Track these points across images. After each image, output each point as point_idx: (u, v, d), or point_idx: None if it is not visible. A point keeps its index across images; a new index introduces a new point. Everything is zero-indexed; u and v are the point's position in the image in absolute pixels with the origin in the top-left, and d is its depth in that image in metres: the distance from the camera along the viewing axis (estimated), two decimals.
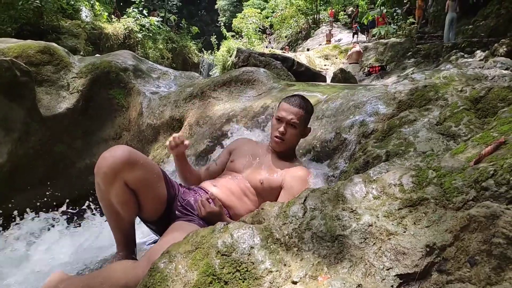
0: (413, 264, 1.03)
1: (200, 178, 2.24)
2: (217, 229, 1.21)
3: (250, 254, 1.10)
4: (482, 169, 1.17)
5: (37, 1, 9.94)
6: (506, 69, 2.70)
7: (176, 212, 1.81)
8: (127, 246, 1.82)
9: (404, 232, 1.12)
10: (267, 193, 1.98)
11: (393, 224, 1.15)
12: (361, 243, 1.13)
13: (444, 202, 1.16)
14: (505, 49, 8.70)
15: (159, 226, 1.84)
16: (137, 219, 1.95)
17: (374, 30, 17.09)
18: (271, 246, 1.14)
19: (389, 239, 1.11)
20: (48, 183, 3.97)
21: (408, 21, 14.99)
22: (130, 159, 1.61)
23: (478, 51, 9.53)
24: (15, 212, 2.85)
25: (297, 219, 1.25)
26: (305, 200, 1.32)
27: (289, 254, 1.13)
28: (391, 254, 1.07)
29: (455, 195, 1.15)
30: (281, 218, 1.28)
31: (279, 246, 1.15)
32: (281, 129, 2.03)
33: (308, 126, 2.20)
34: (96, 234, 2.55)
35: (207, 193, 1.94)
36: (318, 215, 1.24)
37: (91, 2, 13.78)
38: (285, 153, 2.14)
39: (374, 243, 1.12)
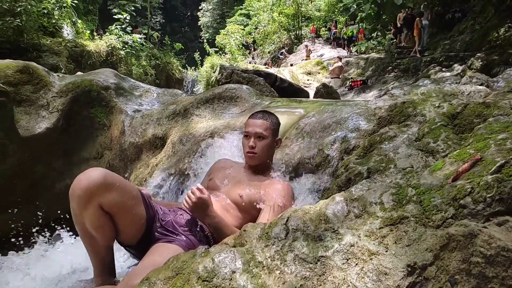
0: (395, 285, 1.03)
1: None
2: (198, 253, 1.19)
3: (231, 279, 1.08)
4: (459, 186, 1.19)
5: (17, 20, 9.83)
6: (481, 84, 2.78)
7: (156, 234, 1.77)
8: (104, 272, 1.77)
9: (386, 251, 1.12)
10: (249, 208, 1.97)
11: (374, 244, 1.16)
12: (344, 264, 1.13)
13: (424, 220, 1.17)
14: (480, 62, 8.99)
15: (139, 250, 1.80)
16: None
17: (354, 48, 17.51)
18: (253, 270, 1.13)
19: (371, 259, 1.11)
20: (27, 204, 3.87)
21: (387, 36, 15.34)
22: (106, 181, 1.57)
23: (455, 65, 9.82)
24: None
25: (279, 240, 1.24)
26: (287, 220, 1.31)
27: (271, 277, 1.12)
28: (373, 275, 1.07)
29: (434, 213, 1.17)
30: (263, 240, 1.26)
31: (261, 270, 1.14)
32: (251, 143, 2.07)
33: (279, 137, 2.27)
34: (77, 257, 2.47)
35: (187, 212, 1.91)
36: (300, 236, 1.23)
37: (73, 20, 13.72)
38: (262, 167, 2.16)
39: (356, 264, 1.12)
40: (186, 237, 1.79)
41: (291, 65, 19.61)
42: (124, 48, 13.80)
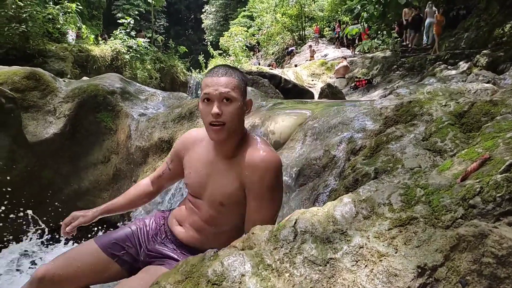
0: (405, 286, 1.03)
1: (148, 193, 1.88)
2: (207, 257, 1.19)
3: (241, 282, 1.09)
4: (468, 186, 1.18)
5: (23, 26, 9.93)
6: (488, 82, 2.76)
7: (146, 261, 1.68)
8: None
9: (395, 253, 1.12)
10: (233, 208, 1.57)
11: (383, 245, 1.15)
12: (353, 265, 1.12)
13: (433, 220, 1.16)
14: (486, 60, 8.92)
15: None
16: None
17: (358, 47, 17.50)
18: (263, 273, 1.13)
19: (381, 260, 1.11)
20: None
21: (392, 35, 15.28)
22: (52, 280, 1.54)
23: (461, 63, 9.76)
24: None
25: (288, 243, 1.24)
26: (295, 223, 1.31)
27: (281, 280, 1.12)
28: (383, 276, 1.06)
29: (444, 213, 1.16)
30: (271, 243, 1.26)
31: (271, 272, 1.14)
32: (215, 109, 1.45)
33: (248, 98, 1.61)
34: None
35: (174, 235, 1.70)
36: (308, 238, 1.23)
37: (78, 25, 13.83)
38: (235, 141, 1.57)
39: (366, 266, 1.11)
40: (175, 259, 1.64)
41: (295, 65, 19.60)
42: (128, 52, 13.88)
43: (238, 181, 1.53)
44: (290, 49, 24.77)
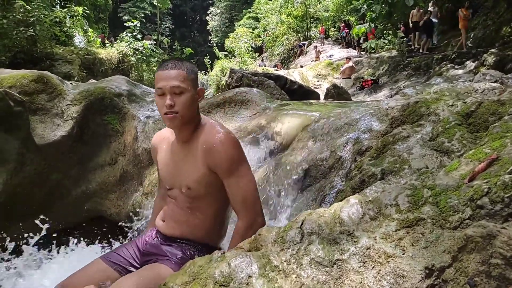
0: (413, 287, 1.02)
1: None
2: (214, 258, 1.19)
3: (248, 284, 1.09)
4: (476, 186, 1.17)
5: (31, 30, 10.05)
6: (495, 81, 2.74)
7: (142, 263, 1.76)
8: None
9: (403, 254, 1.11)
10: (202, 192, 1.67)
11: (391, 246, 1.15)
12: (360, 267, 1.12)
13: (441, 221, 1.16)
14: (493, 59, 8.83)
15: None
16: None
17: (364, 45, 17.44)
18: (269, 274, 1.13)
19: (388, 262, 1.10)
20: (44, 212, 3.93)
21: (398, 35, 15.19)
22: None
23: (468, 62, 9.69)
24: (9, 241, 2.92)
25: (295, 244, 1.24)
26: (302, 224, 1.31)
27: (288, 281, 1.12)
28: (391, 278, 1.06)
29: (451, 214, 1.15)
30: (278, 244, 1.27)
31: (278, 274, 1.14)
32: (167, 101, 1.59)
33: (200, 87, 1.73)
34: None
35: (160, 232, 1.82)
36: (315, 240, 1.23)
37: (84, 28, 13.96)
38: (191, 128, 1.71)
39: (373, 267, 1.11)
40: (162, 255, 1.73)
41: (301, 66, 19.57)
42: (135, 55, 13.99)
43: (205, 166, 1.63)
44: (301, 43, 24.58)
